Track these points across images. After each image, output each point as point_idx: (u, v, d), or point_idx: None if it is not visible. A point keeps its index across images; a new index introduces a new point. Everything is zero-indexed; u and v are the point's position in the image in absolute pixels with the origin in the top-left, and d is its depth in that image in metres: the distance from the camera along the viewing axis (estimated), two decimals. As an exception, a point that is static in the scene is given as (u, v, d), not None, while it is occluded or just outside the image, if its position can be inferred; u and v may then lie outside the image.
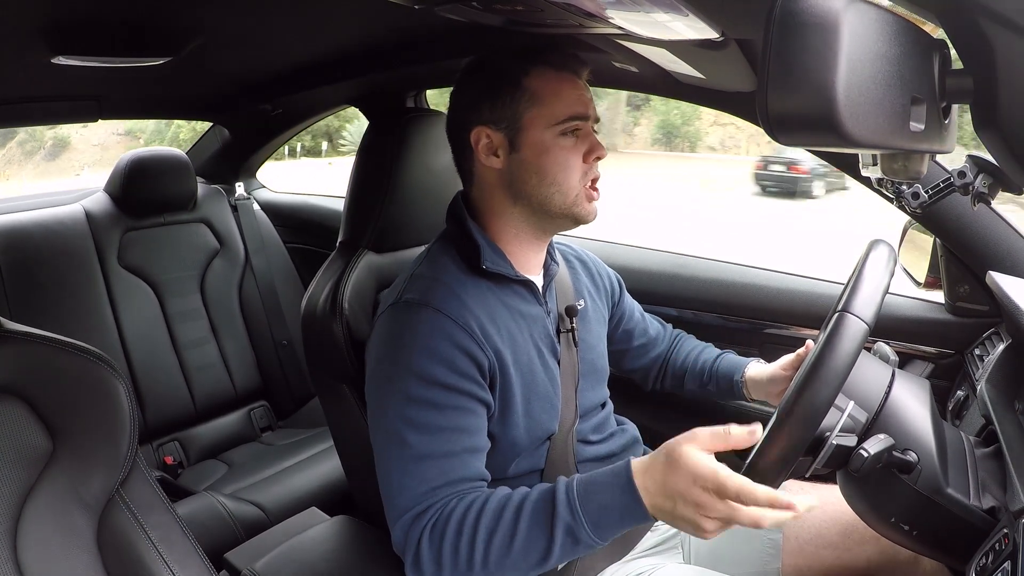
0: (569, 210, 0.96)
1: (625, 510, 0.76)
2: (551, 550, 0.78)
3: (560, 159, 0.94)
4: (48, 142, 18.20)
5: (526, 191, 0.96)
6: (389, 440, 0.88)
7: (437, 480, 0.85)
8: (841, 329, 0.73)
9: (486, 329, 0.93)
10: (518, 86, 0.94)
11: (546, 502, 0.80)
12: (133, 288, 1.94)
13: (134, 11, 1.01)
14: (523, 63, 0.95)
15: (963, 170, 0.79)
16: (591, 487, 0.79)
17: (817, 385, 0.72)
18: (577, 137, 0.95)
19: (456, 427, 0.88)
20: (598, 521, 0.77)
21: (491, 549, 0.79)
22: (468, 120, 0.97)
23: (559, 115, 0.94)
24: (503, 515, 0.80)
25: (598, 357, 1.13)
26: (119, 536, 0.79)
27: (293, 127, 2.17)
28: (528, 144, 0.94)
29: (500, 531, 0.79)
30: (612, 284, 1.23)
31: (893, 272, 0.80)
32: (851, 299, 0.75)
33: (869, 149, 0.65)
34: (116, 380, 0.81)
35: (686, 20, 0.69)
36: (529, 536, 0.79)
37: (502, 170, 0.96)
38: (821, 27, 0.40)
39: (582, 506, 0.77)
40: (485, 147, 0.96)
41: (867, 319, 0.74)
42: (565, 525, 0.77)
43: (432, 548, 0.82)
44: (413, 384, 0.88)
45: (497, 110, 0.95)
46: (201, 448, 1.98)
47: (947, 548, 0.81)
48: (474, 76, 0.99)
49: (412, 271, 1.00)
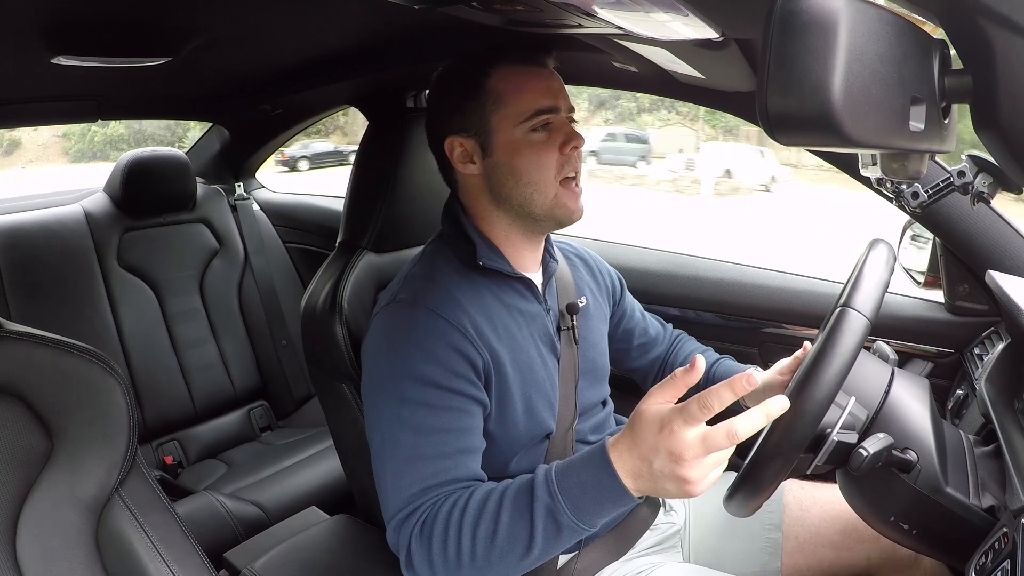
0: (551, 212, 0.95)
1: (602, 487, 0.74)
2: (533, 537, 0.77)
3: (533, 157, 0.93)
4: (5, 142, 19.47)
5: (505, 193, 0.95)
6: (383, 440, 0.88)
7: (429, 480, 0.85)
8: (843, 324, 0.73)
9: (481, 328, 0.93)
10: (481, 89, 0.93)
11: (526, 486, 0.79)
12: (132, 288, 1.94)
13: (134, 11, 1.01)
14: (484, 65, 0.94)
15: (963, 170, 0.79)
16: (568, 468, 0.77)
17: (819, 380, 0.72)
18: (549, 131, 0.94)
19: (450, 428, 0.88)
20: (577, 502, 0.75)
21: (476, 542, 0.78)
22: (441, 130, 0.97)
23: (525, 111, 0.93)
24: (485, 506, 0.80)
25: (599, 355, 1.12)
26: (118, 536, 0.79)
27: (293, 127, 2.17)
28: (499, 147, 0.94)
29: (483, 523, 0.79)
30: (613, 282, 1.23)
31: (893, 270, 0.80)
32: (852, 295, 0.75)
33: (868, 149, 0.65)
34: (115, 380, 0.81)
35: (686, 20, 0.69)
36: (512, 524, 0.77)
37: (480, 175, 0.96)
38: (821, 27, 0.40)
39: (559, 486, 0.76)
40: (460, 156, 0.96)
41: (868, 314, 0.74)
42: (545, 507, 0.76)
43: (422, 548, 0.82)
44: (407, 384, 0.88)
45: (466, 117, 0.94)
46: (200, 448, 1.98)
47: (946, 547, 0.82)
48: (441, 85, 0.99)
49: (407, 272, 1.00)
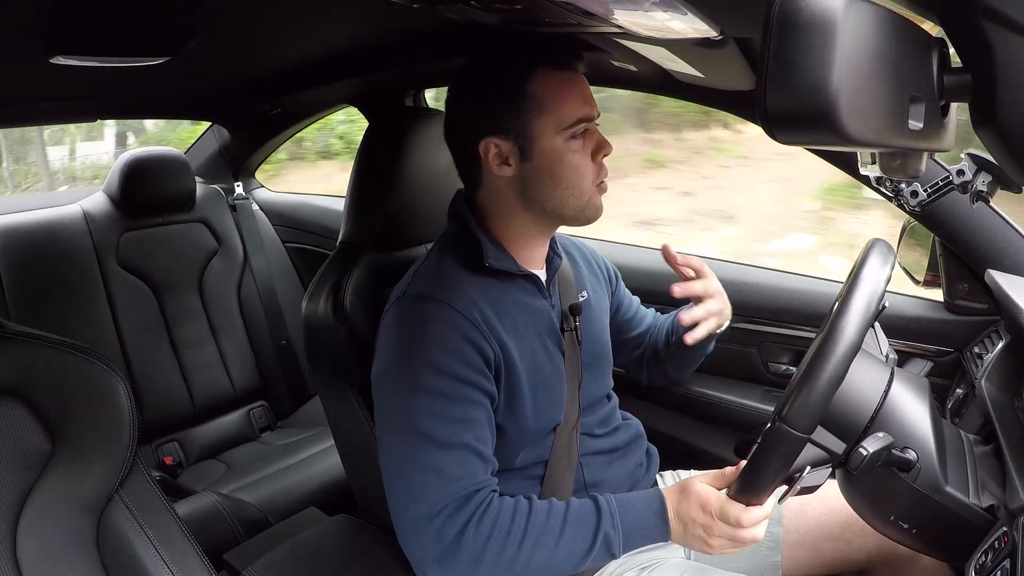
0: (582, 212, 0.97)
1: (652, 529, 0.89)
2: (587, 556, 0.87)
3: (573, 164, 0.94)
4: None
5: (540, 197, 0.95)
6: (402, 434, 0.88)
7: (460, 472, 0.87)
8: (831, 340, 0.72)
9: (491, 322, 0.93)
10: (523, 94, 0.92)
11: (591, 511, 0.89)
12: (132, 288, 1.93)
13: (132, 11, 1.01)
14: (523, 68, 0.93)
15: (962, 168, 0.79)
16: (628, 505, 0.90)
17: (806, 395, 0.72)
18: (585, 138, 0.95)
19: (467, 418, 0.89)
20: (630, 537, 0.88)
21: (536, 551, 0.86)
22: (474, 129, 0.95)
23: (567, 119, 0.92)
24: (550, 521, 0.88)
25: (602, 348, 1.13)
26: (118, 536, 0.79)
27: (292, 127, 2.16)
28: (540, 153, 0.93)
29: (547, 535, 0.87)
30: (609, 272, 1.24)
31: (889, 277, 0.79)
32: (844, 304, 0.74)
33: (868, 148, 0.65)
34: (115, 380, 0.80)
35: (685, 19, 0.69)
36: (572, 541, 0.87)
37: (514, 178, 0.95)
38: (820, 25, 0.40)
39: (622, 520, 0.88)
40: (495, 157, 0.95)
41: (855, 338, 0.72)
42: (605, 535, 0.87)
43: (476, 544, 0.84)
44: (426, 376, 0.88)
45: (504, 120, 0.93)
46: (200, 448, 1.97)
47: (946, 546, 0.82)
48: (473, 83, 0.97)
49: (417, 268, 1.00)
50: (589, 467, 1.05)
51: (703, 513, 0.85)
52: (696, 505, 0.86)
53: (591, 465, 1.05)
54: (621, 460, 1.10)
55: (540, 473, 1.01)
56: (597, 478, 1.05)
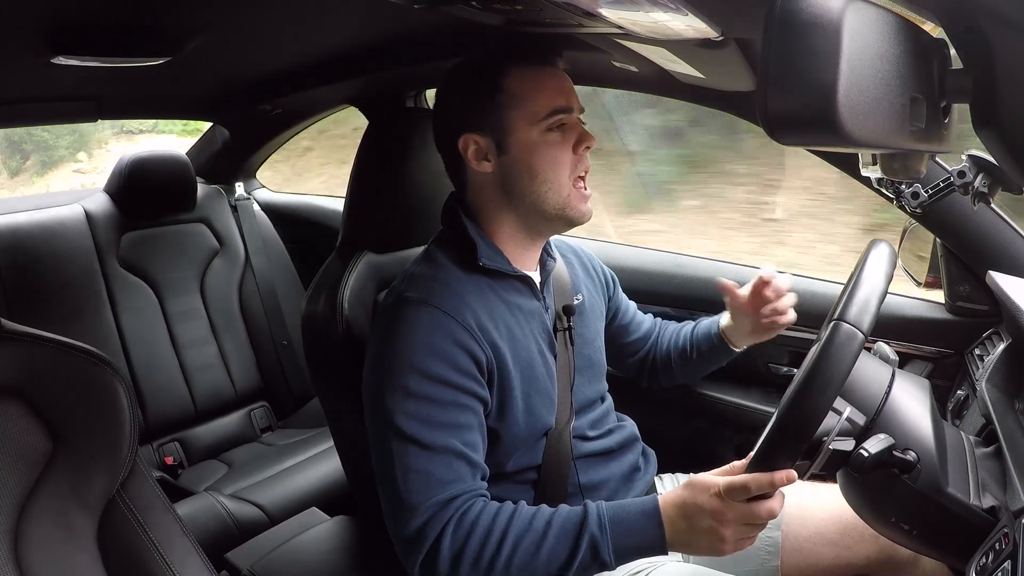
0: (563, 211, 0.97)
1: (646, 537, 0.83)
2: (572, 562, 0.83)
3: (549, 156, 0.95)
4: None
5: (519, 191, 0.96)
6: (390, 437, 0.88)
7: (445, 475, 0.86)
8: (836, 338, 0.73)
9: (484, 325, 0.93)
10: (498, 88, 0.94)
11: (576, 514, 0.85)
12: (133, 288, 1.94)
13: (133, 11, 1.01)
14: (499, 64, 0.95)
15: (963, 170, 0.79)
16: (619, 511, 0.85)
17: (811, 396, 0.72)
18: (563, 131, 0.96)
19: (456, 423, 0.89)
20: (620, 543, 0.83)
21: (516, 554, 0.83)
22: (454, 128, 0.98)
23: (541, 111, 0.94)
24: (533, 523, 0.85)
25: (595, 352, 1.13)
26: (119, 536, 0.79)
27: (293, 127, 2.17)
28: (516, 145, 0.95)
29: (528, 536, 0.84)
30: (606, 277, 1.24)
31: (891, 276, 0.80)
32: (847, 307, 0.75)
33: (869, 149, 0.65)
34: (116, 380, 0.81)
35: (685, 19, 0.69)
36: (556, 545, 0.83)
37: (494, 173, 0.97)
38: (821, 27, 0.40)
39: (611, 525, 0.83)
40: (474, 153, 0.97)
41: (863, 328, 0.73)
42: (591, 538, 0.83)
43: (454, 546, 0.83)
44: (414, 380, 0.88)
45: (481, 116, 0.95)
46: (201, 448, 1.97)
47: (947, 548, 0.81)
48: (454, 83, 1.00)
49: (410, 271, 1.00)
50: (583, 470, 1.04)
51: (711, 497, 0.79)
52: (703, 491, 0.81)
53: (585, 468, 1.05)
54: (616, 462, 1.10)
55: (533, 477, 1.01)
56: (592, 481, 1.05)
